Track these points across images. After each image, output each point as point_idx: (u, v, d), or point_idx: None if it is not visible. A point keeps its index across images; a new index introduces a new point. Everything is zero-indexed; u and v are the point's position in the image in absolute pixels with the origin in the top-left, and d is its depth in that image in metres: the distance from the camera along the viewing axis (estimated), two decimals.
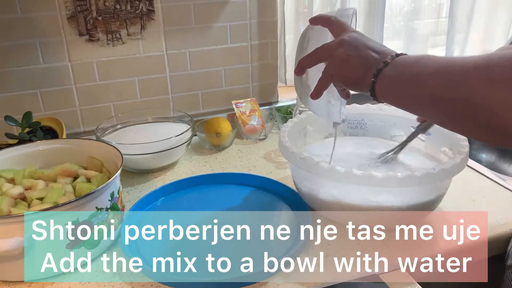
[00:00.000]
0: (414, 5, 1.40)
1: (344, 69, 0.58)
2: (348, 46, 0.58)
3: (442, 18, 1.56)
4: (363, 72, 0.56)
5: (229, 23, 1.15)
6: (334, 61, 0.60)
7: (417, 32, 1.45)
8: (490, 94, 0.42)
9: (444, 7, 1.54)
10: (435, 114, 0.50)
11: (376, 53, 0.56)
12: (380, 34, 1.33)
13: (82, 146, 0.86)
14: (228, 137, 1.09)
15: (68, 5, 1.00)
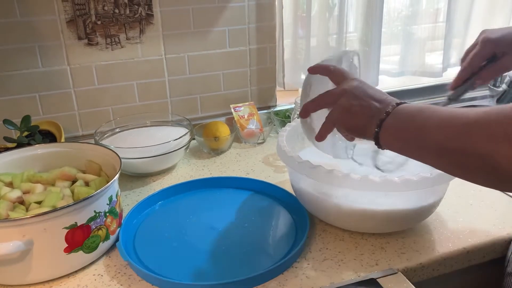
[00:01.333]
0: (412, 9, 1.41)
1: (347, 118, 0.59)
2: (350, 95, 0.59)
3: (440, 23, 1.57)
4: (366, 121, 0.57)
5: (228, 27, 1.15)
6: (337, 110, 0.60)
7: (415, 36, 1.45)
8: (494, 149, 0.43)
9: (441, 12, 1.55)
10: (444, 164, 0.51)
11: (378, 102, 0.57)
12: (378, 39, 1.33)
13: (80, 149, 0.86)
14: (226, 141, 1.09)
15: (67, 9, 1.00)
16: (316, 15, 1.28)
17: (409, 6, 1.41)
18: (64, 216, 0.65)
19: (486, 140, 0.44)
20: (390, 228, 0.76)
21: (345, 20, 1.30)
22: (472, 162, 0.46)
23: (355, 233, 0.78)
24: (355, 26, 1.36)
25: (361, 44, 1.36)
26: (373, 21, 1.31)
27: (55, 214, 0.64)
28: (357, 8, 1.32)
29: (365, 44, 1.35)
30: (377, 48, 1.34)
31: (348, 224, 0.77)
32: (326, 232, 0.79)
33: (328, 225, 0.80)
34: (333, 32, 1.31)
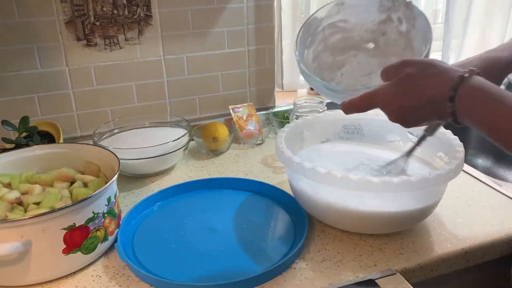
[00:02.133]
0: None
1: (410, 88, 0.57)
2: (415, 70, 0.57)
3: (438, 24, 1.57)
4: (437, 87, 0.55)
5: (227, 28, 1.15)
6: (400, 81, 0.58)
7: None
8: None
9: (440, 13, 1.55)
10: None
11: (446, 71, 0.56)
12: None
13: (79, 150, 0.86)
14: (225, 142, 1.09)
15: (65, 10, 1.00)
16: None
17: None
18: (62, 217, 0.65)
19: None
20: (388, 229, 0.76)
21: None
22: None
23: (353, 234, 0.78)
24: None
25: None
26: None
27: (54, 215, 0.64)
28: None
29: None
30: None
31: (347, 225, 0.77)
32: (324, 233, 0.79)
33: (327, 226, 0.80)
34: None
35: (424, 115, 0.57)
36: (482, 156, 1.42)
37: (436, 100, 0.55)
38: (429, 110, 0.56)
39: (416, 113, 0.58)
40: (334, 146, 0.93)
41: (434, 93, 0.55)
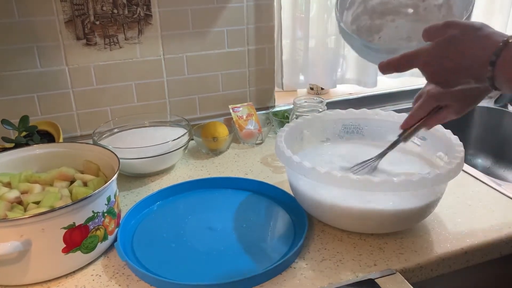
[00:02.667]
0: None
1: (452, 49, 0.56)
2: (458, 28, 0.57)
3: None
4: (478, 51, 0.55)
5: (227, 28, 1.15)
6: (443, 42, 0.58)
7: None
8: None
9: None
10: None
11: (489, 35, 0.55)
12: None
13: (78, 150, 0.86)
14: (225, 141, 1.09)
15: (65, 9, 1.00)
16: (315, 16, 1.28)
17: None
18: (62, 216, 0.65)
19: None
20: (388, 228, 0.76)
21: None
22: None
23: (353, 233, 0.78)
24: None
25: None
26: None
27: (53, 214, 0.64)
28: None
29: None
30: None
31: (346, 225, 0.77)
32: (324, 232, 0.79)
33: (327, 225, 0.80)
34: (331, 33, 1.31)
35: (463, 77, 0.57)
36: (481, 156, 1.42)
37: (477, 63, 0.55)
38: (469, 73, 0.56)
39: (456, 75, 0.58)
40: (334, 146, 0.93)
41: (476, 57, 0.55)
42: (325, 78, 1.33)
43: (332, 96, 1.38)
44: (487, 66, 0.54)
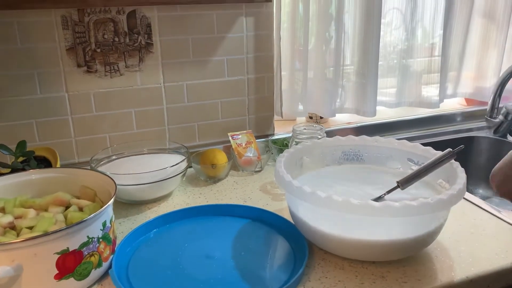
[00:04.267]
0: (408, 44, 1.43)
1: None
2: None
3: (435, 57, 1.59)
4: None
5: (227, 57, 1.17)
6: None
7: (411, 69, 1.47)
8: None
9: (436, 47, 1.57)
10: None
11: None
12: (375, 71, 1.35)
13: (75, 175, 0.84)
14: (224, 168, 1.08)
15: (67, 37, 1.01)
16: (313, 48, 1.30)
17: (404, 40, 1.43)
18: (55, 240, 0.64)
19: None
20: (390, 256, 0.74)
21: (342, 53, 1.32)
22: None
23: (355, 261, 0.76)
24: (352, 60, 1.38)
25: (357, 77, 1.38)
26: (369, 54, 1.33)
27: (46, 239, 0.63)
28: (353, 42, 1.34)
29: (362, 76, 1.36)
30: (374, 80, 1.35)
31: (348, 252, 0.75)
32: (325, 260, 0.77)
33: (328, 253, 0.78)
34: (330, 65, 1.32)
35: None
36: (482, 186, 1.40)
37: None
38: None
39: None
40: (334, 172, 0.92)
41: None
42: (324, 107, 1.34)
43: (331, 125, 1.38)
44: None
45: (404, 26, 1.42)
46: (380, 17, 1.30)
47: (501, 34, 1.51)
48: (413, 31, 1.43)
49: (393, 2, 1.40)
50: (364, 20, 1.30)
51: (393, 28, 1.43)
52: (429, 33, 1.47)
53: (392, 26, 1.43)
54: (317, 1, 1.25)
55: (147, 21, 1.07)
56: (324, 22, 1.27)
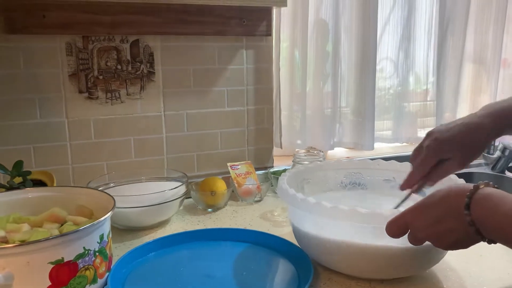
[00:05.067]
0: (401, 88, 1.47)
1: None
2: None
3: (429, 102, 1.61)
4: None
5: (227, 88, 1.18)
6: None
7: (406, 110, 1.49)
8: None
9: (429, 92, 1.61)
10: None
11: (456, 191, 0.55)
12: (372, 111, 1.37)
13: (72, 194, 0.82)
14: (223, 196, 1.06)
15: (71, 63, 1.03)
16: (311, 90, 1.33)
17: (397, 85, 1.47)
18: (50, 249, 0.61)
19: None
20: (398, 272, 0.71)
21: (338, 96, 1.35)
22: None
23: (361, 281, 0.73)
24: (347, 100, 1.40)
25: (354, 116, 1.40)
26: (366, 96, 1.36)
27: (41, 246, 0.60)
28: (348, 82, 1.38)
29: (358, 115, 1.38)
30: (371, 118, 1.37)
31: (354, 268, 0.72)
32: (331, 280, 0.73)
33: (333, 273, 0.75)
34: (327, 106, 1.34)
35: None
36: None
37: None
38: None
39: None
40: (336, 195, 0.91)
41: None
42: (322, 141, 1.34)
43: (329, 159, 1.38)
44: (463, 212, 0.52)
45: (396, 74, 1.46)
46: (375, 64, 1.35)
47: (492, 77, 1.56)
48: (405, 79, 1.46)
49: (386, 52, 1.45)
50: (359, 67, 1.34)
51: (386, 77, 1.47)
52: (422, 80, 1.50)
53: (385, 73, 1.47)
54: (314, 54, 1.29)
55: (150, 50, 1.09)
56: (321, 72, 1.31)
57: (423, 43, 1.47)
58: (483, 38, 1.55)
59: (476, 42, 1.55)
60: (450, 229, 0.54)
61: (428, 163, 0.72)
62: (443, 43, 1.47)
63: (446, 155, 0.71)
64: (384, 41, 1.43)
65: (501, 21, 1.52)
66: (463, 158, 0.71)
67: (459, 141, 0.69)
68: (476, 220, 0.51)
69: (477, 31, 1.54)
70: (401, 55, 1.44)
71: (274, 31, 1.22)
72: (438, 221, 0.55)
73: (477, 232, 0.52)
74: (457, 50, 1.50)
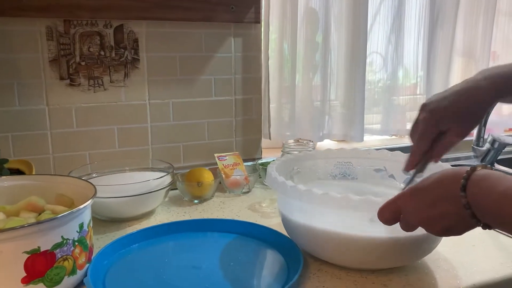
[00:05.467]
0: (390, 83, 1.45)
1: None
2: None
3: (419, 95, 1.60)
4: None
5: (214, 76, 1.15)
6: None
7: (395, 103, 1.48)
8: None
9: (418, 86, 1.59)
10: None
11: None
12: (361, 103, 1.35)
13: (51, 183, 0.78)
14: (210, 187, 1.03)
15: (51, 48, 0.98)
16: (299, 85, 1.30)
17: (386, 79, 1.45)
18: (25, 237, 0.57)
19: None
20: (389, 262, 0.69)
21: (328, 89, 1.33)
22: None
23: (352, 271, 0.70)
24: (336, 94, 1.38)
25: (344, 108, 1.38)
26: (355, 88, 1.34)
27: (15, 234, 0.56)
28: (337, 75, 1.36)
29: (348, 108, 1.36)
30: (360, 111, 1.35)
31: (345, 257, 0.69)
32: (321, 271, 0.71)
33: (324, 264, 0.72)
34: (315, 99, 1.32)
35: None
36: None
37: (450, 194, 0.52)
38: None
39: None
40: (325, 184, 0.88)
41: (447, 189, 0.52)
42: (311, 133, 1.32)
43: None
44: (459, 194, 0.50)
45: (386, 68, 1.44)
46: (365, 56, 1.33)
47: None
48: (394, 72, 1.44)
49: (376, 45, 1.43)
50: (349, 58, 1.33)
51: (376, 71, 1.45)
52: (411, 73, 1.49)
53: (375, 67, 1.45)
54: (303, 45, 1.27)
55: (135, 36, 1.05)
56: (311, 63, 1.28)
57: (413, 36, 1.46)
58: (473, 31, 1.54)
59: (466, 35, 1.54)
60: (444, 213, 0.52)
61: (428, 136, 0.68)
62: (433, 36, 1.45)
63: (445, 126, 0.67)
64: (374, 32, 1.42)
65: (490, 14, 1.52)
66: (463, 127, 0.67)
67: (457, 110, 0.65)
68: (471, 202, 0.49)
69: (467, 24, 1.53)
70: (391, 48, 1.42)
71: (263, 19, 1.19)
72: (432, 205, 0.53)
73: (472, 215, 0.50)
74: (447, 43, 1.49)
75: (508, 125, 1.66)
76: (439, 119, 0.67)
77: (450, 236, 0.56)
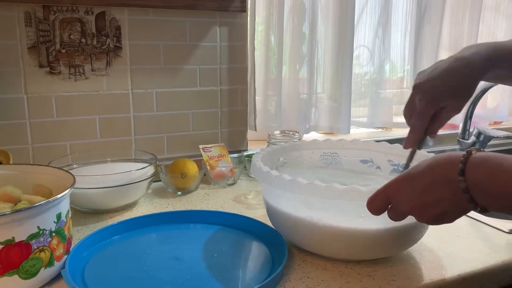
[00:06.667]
0: (377, 76, 1.44)
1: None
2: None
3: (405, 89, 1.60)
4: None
5: (199, 66, 1.13)
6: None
7: (382, 96, 1.47)
8: None
9: (405, 80, 1.59)
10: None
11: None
12: (348, 95, 1.34)
13: (28, 172, 0.76)
14: (194, 178, 1.01)
15: (30, 34, 0.95)
16: (286, 77, 1.29)
17: (373, 73, 1.44)
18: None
19: None
20: (375, 253, 0.68)
21: (315, 81, 1.31)
22: None
23: (337, 262, 0.69)
24: (323, 86, 1.37)
25: (331, 101, 1.37)
26: (342, 80, 1.32)
27: None
28: (323, 68, 1.34)
29: (334, 100, 1.35)
30: (347, 103, 1.34)
31: (330, 248, 0.68)
32: (306, 262, 0.70)
33: (308, 255, 0.71)
34: (302, 92, 1.31)
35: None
36: None
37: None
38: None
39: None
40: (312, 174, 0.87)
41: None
42: (298, 125, 1.31)
43: None
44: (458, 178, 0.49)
45: (373, 61, 1.43)
46: (352, 48, 1.32)
47: None
48: (381, 66, 1.44)
49: (363, 38, 1.42)
50: (336, 50, 1.31)
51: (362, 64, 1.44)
52: (398, 67, 1.48)
53: (361, 60, 1.44)
54: (290, 36, 1.25)
55: (117, 24, 1.02)
56: (298, 55, 1.27)
57: (400, 30, 1.45)
58: (459, 26, 1.54)
59: (452, 30, 1.54)
60: (438, 199, 0.51)
61: (427, 115, 0.69)
62: (420, 30, 1.45)
63: (443, 103, 0.68)
64: (361, 25, 1.41)
65: (477, 9, 1.52)
66: (459, 101, 0.68)
67: (452, 87, 0.66)
68: (471, 186, 0.48)
69: (453, 19, 1.53)
70: (378, 42, 1.42)
71: (249, 8, 1.17)
72: (425, 191, 0.52)
73: (470, 199, 0.49)
74: (434, 37, 1.48)
75: (493, 118, 1.67)
76: (436, 98, 0.68)
77: (440, 225, 0.55)
